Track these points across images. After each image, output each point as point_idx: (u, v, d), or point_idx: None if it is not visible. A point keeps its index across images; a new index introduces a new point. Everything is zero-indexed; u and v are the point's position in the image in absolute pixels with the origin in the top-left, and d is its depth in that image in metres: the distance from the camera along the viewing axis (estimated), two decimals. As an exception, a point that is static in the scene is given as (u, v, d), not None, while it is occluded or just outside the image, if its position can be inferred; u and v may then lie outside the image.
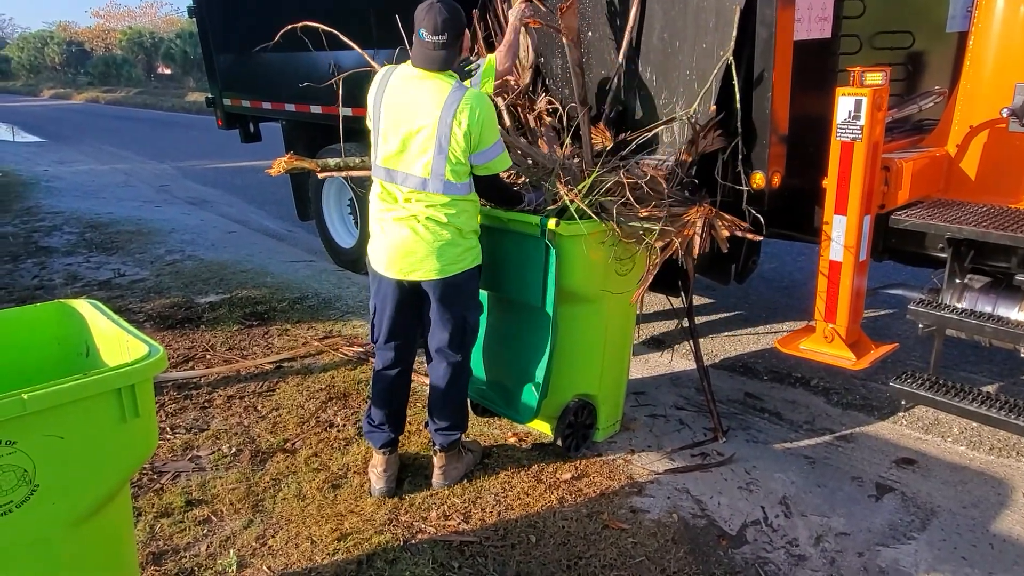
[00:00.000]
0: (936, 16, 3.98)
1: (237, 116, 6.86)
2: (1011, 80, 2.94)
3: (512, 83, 3.87)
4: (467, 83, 2.78)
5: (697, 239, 2.90)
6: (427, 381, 3.07)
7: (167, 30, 39.62)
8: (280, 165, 3.19)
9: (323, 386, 3.88)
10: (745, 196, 3.21)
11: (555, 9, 3.43)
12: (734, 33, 3.17)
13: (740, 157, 3.23)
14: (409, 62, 2.69)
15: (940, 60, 4.12)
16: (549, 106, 3.65)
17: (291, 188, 6.51)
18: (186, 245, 6.86)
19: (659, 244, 2.92)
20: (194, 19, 6.84)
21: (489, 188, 2.81)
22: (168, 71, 37.46)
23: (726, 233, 2.94)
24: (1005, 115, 2.86)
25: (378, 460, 2.97)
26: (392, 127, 2.66)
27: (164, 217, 8.18)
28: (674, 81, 3.58)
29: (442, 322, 2.84)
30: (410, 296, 2.84)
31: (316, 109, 5.45)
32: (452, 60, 2.65)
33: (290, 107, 5.84)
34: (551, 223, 2.79)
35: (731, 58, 3.14)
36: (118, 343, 2.11)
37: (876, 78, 2.88)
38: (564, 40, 3.06)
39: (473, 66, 2.94)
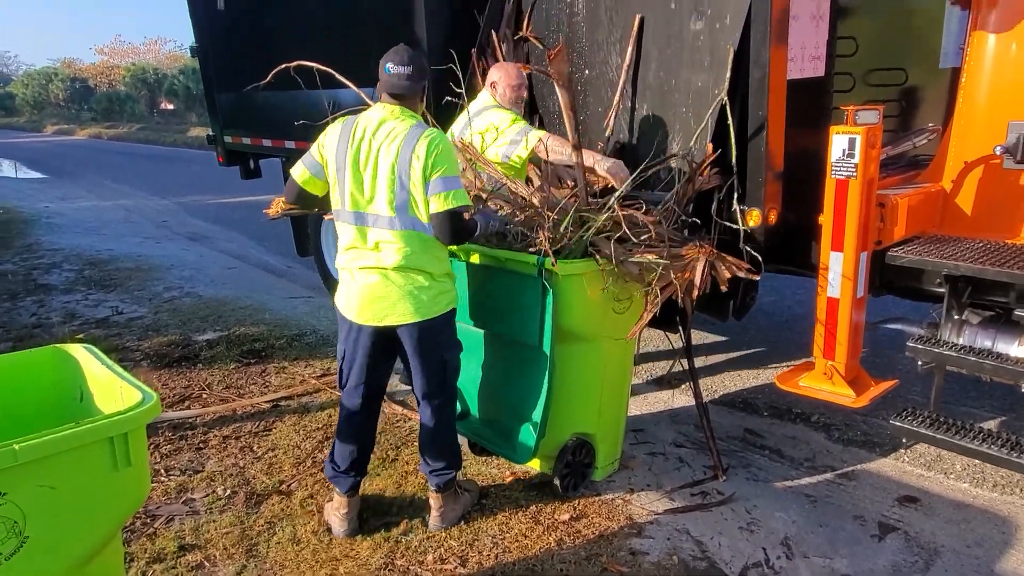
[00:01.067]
0: (929, 52, 4.03)
1: (238, 153, 6.92)
2: (1004, 117, 2.97)
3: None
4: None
5: (699, 280, 2.90)
6: (418, 419, 3.05)
7: (171, 66, 40.12)
8: (278, 206, 3.21)
9: (320, 425, 3.85)
10: (742, 234, 3.22)
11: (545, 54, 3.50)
12: (728, 74, 3.21)
13: (736, 194, 3.24)
14: (368, 111, 2.74)
15: (934, 96, 4.16)
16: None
17: (290, 223, 6.53)
18: (185, 282, 6.86)
19: (660, 285, 2.91)
20: (196, 58, 6.94)
21: (444, 227, 2.65)
22: (171, 107, 37.87)
23: (728, 274, 2.94)
24: (999, 153, 2.88)
25: (341, 503, 2.95)
26: (358, 171, 2.67)
27: (164, 253, 8.21)
28: (670, 118, 3.61)
29: (421, 367, 2.83)
30: (382, 341, 2.82)
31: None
32: (416, 94, 2.71)
33: (290, 144, 5.89)
34: (548, 263, 2.79)
35: (726, 98, 3.17)
36: (112, 388, 2.10)
37: (870, 116, 2.90)
38: (555, 84, 3.11)
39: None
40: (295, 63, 3.19)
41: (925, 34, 4.05)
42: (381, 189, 2.64)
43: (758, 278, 3.05)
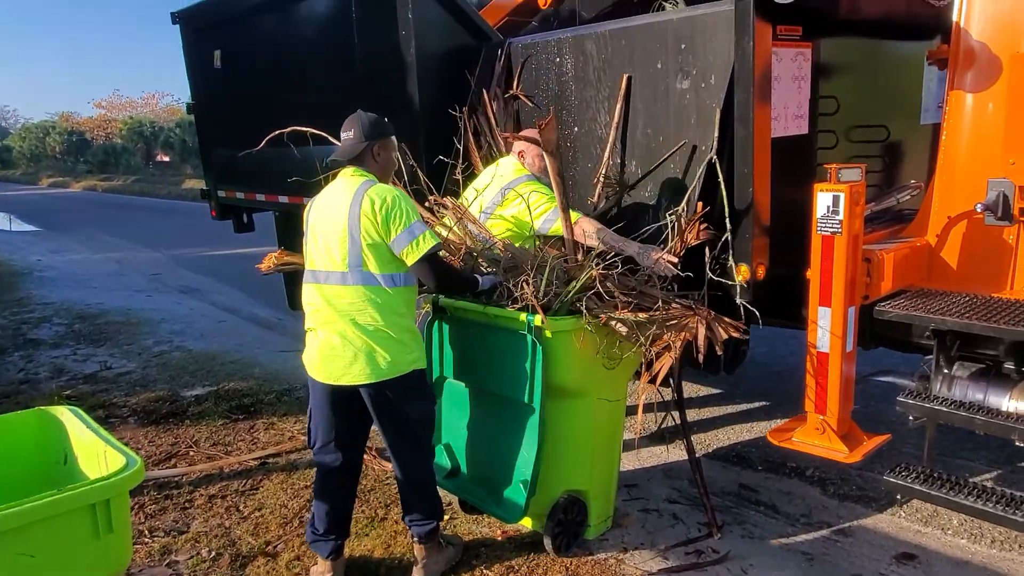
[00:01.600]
0: (910, 109, 4.13)
1: (231, 207, 6.97)
2: (984, 174, 3.02)
3: None
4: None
5: (701, 344, 2.90)
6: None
7: (168, 120, 40.65)
8: (271, 261, 3.23)
9: (308, 483, 3.78)
10: (738, 290, 3.23)
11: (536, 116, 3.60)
12: (715, 133, 3.28)
13: (729, 250, 3.26)
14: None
15: (916, 151, 4.24)
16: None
17: (282, 277, 6.54)
18: (175, 335, 6.83)
19: (656, 348, 2.91)
20: (192, 114, 7.05)
21: (427, 274, 2.76)
22: (167, 159, 38.27)
23: (724, 335, 2.95)
24: (979, 210, 2.93)
25: (324, 567, 2.91)
26: (315, 232, 2.78)
27: (155, 306, 8.18)
28: (659, 175, 3.67)
29: (381, 425, 2.83)
30: (347, 399, 2.81)
31: (308, 201, 5.53)
32: (363, 154, 2.79)
33: (283, 199, 5.94)
34: (537, 319, 2.79)
35: (715, 156, 3.24)
36: (96, 452, 2.07)
37: (852, 174, 2.96)
38: (544, 152, 3.18)
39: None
40: (288, 128, 3.26)
41: (905, 92, 4.15)
42: (334, 247, 2.71)
43: (748, 337, 3.06)
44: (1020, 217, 2.89)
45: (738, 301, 3.21)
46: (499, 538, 3.25)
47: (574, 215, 3.37)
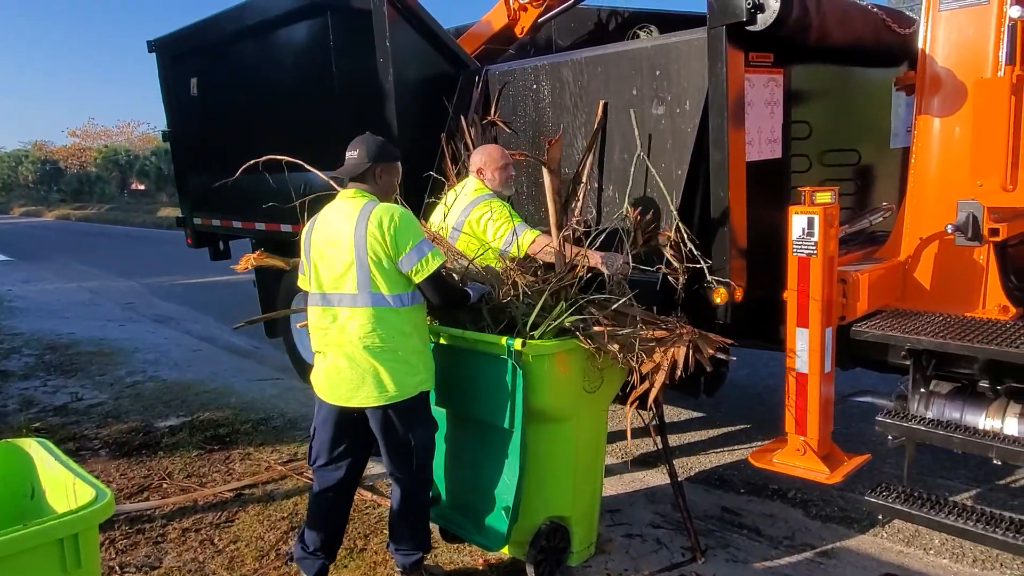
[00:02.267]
0: (880, 133, 4.22)
1: (207, 235, 6.91)
2: (953, 196, 3.08)
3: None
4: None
5: (689, 361, 2.91)
6: (381, 500, 2.98)
7: (143, 148, 40.37)
8: (248, 261, 3.20)
9: (285, 514, 3.71)
10: (726, 312, 3.25)
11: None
12: (689, 156, 3.32)
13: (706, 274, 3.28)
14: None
15: (887, 174, 4.33)
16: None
17: (259, 304, 6.48)
18: (148, 365, 6.71)
19: (645, 368, 2.91)
20: (168, 142, 7.01)
21: (433, 292, 2.77)
22: (142, 187, 37.94)
23: (711, 351, 2.96)
24: (950, 231, 2.98)
25: None
26: (321, 255, 2.76)
27: (128, 336, 8.04)
28: (636, 199, 3.70)
29: (386, 448, 2.82)
30: (350, 421, 2.83)
31: (286, 228, 5.50)
32: (365, 174, 2.79)
33: (260, 225, 5.91)
34: (517, 344, 2.78)
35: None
36: (65, 485, 2.01)
37: (825, 196, 3.00)
38: (545, 169, 3.20)
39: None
40: (264, 158, 3.25)
41: (875, 116, 4.25)
42: (342, 269, 2.70)
43: (729, 359, 3.07)
44: (989, 237, 2.94)
45: (725, 320, 3.23)
46: (481, 567, 3.20)
47: (532, 233, 3.39)
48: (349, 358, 2.71)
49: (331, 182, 3.11)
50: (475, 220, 3.41)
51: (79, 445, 4.68)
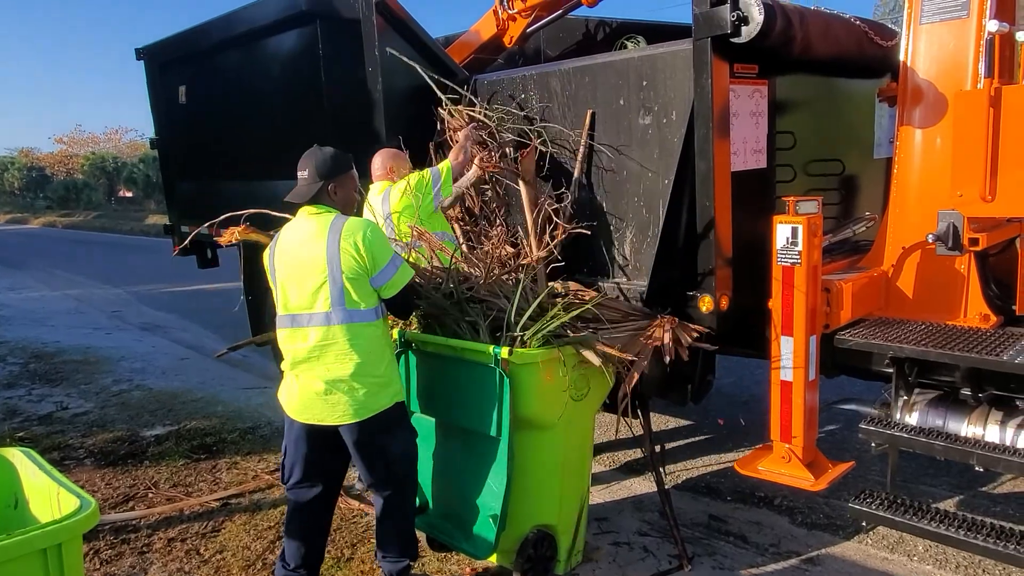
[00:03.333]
0: (863, 143, 4.27)
1: (195, 242, 6.87)
2: (934, 206, 3.12)
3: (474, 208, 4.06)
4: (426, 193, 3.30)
5: (667, 340, 2.95)
6: (368, 509, 2.98)
7: (131, 155, 40.11)
8: (232, 235, 3.19)
9: (272, 523, 3.69)
10: (712, 320, 3.27)
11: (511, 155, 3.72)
12: (675, 166, 3.36)
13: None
14: (292, 220, 2.81)
15: (871, 183, 4.39)
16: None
17: (247, 312, 6.45)
18: (135, 374, 6.66)
19: (628, 354, 2.94)
20: (156, 149, 6.99)
21: (401, 304, 2.81)
22: (129, 194, 37.67)
23: (689, 339, 3.01)
24: (931, 241, 3.01)
25: None
26: (288, 275, 2.71)
27: (114, 344, 7.98)
28: (623, 207, 3.73)
29: (363, 462, 2.81)
30: (325, 437, 2.79)
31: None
32: (318, 194, 2.73)
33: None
34: (504, 352, 2.79)
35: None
36: (49, 494, 2.00)
37: (809, 206, 3.04)
38: (520, 180, 3.23)
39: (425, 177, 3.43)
40: (246, 211, 3.24)
41: (859, 127, 4.31)
42: (313, 287, 2.65)
43: (714, 352, 3.11)
44: (970, 247, 2.98)
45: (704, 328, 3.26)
46: (468, 575, 3.20)
47: (443, 163, 3.70)
48: (324, 378, 2.67)
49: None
50: (402, 190, 3.59)
51: (64, 454, 4.64)
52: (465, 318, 3.03)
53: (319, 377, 2.68)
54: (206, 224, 3.38)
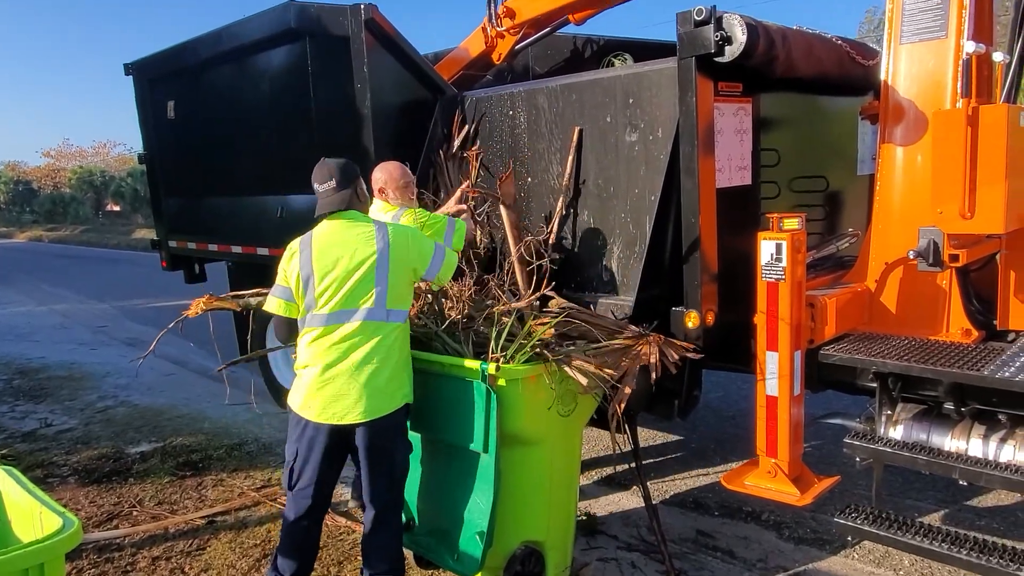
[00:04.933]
0: (847, 160, 4.33)
1: (182, 257, 6.86)
2: (916, 222, 3.16)
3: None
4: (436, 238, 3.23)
5: (654, 360, 2.97)
6: (355, 526, 2.96)
7: (119, 169, 39.93)
8: (198, 306, 3.19)
9: (258, 541, 3.67)
10: (698, 335, 3.29)
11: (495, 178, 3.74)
12: (661, 182, 3.39)
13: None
14: (320, 225, 2.89)
15: (855, 199, 4.44)
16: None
17: (234, 326, 6.42)
18: (120, 390, 6.61)
19: (614, 373, 2.95)
20: (144, 164, 6.98)
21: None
22: (117, 208, 37.47)
23: (676, 356, 3.03)
24: (912, 257, 3.05)
25: None
26: (329, 275, 2.76)
27: (99, 360, 7.92)
28: (610, 223, 3.76)
29: (370, 467, 2.82)
30: (338, 441, 2.82)
31: (263, 251, 5.49)
32: (352, 200, 2.87)
33: (237, 249, 5.88)
34: (491, 367, 2.80)
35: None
36: (31, 514, 1.98)
37: (793, 223, 3.07)
38: (501, 205, 3.26)
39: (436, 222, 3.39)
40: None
41: (842, 144, 4.36)
42: (356, 287, 2.74)
43: (700, 356, 3.13)
44: (950, 263, 3.02)
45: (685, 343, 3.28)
46: (455, 593, 3.18)
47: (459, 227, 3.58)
48: (350, 374, 2.73)
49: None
50: (420, 222, 3.50)
51: (47, 472, 4.59)
52: (451, 344, 3.06)
53: (346, 373, 2.73)
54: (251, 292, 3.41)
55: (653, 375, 3.03)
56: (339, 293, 2.75)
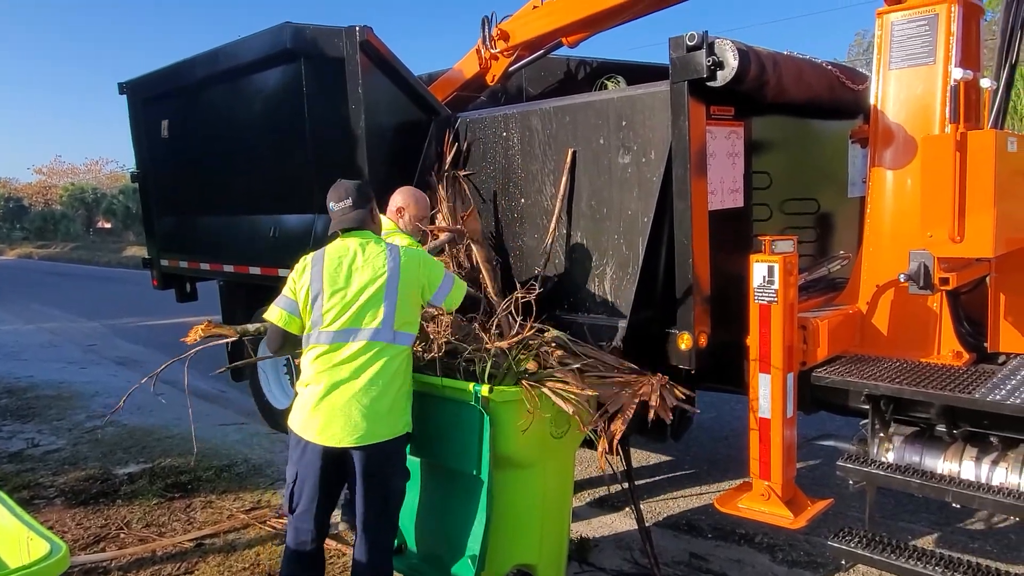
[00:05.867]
0: (838, 183, 4.37)
1: (174, 276, 6.84)
2: (906, 245, 3.19)
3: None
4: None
5: (655, 403, 2.96)
6: (345, 549, 2.92)
7: (111, 186, 39.88)
8: (197, 333, 3.18)
9: (247, 564, 3.62)
10: (691, 357, 3.29)
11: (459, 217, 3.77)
12: (654, 204, 3.41)
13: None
14: (333, 243, 2.90)
15: (846, 222, 4.47)
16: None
17: (225, 347, 6.38)
18: (109, 410, 6.51)
19: (609, 409, 2.94)
20: (136, 183, 6.98)
21: (460, 308, 3.09)
22: (108, 225, 37.38)
23: (674, 401, 3.02)
24: (903, 280, 3.07)
25: None
26: (338, 292, 2.77)
27: (88, 379, 7.85)
28: (604, 245, 3.77)
29: (366, 492, 2.78)
30: (337, 463, 2.79)
31: (255, 270, 5.48)
32: (367, 220, 2.90)
33: (229, 268, 5.87)
34: (484, 389, 2.79)
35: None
36: (18, 538, 1.95)
37: (785, 245, 3.09)
38: (470, 241, 3.28)
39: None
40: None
41: (833, 167, 4.40)
42: (366, 306, 2.75)
43: (697, 411, 3.13)
44: (940, 286, 3.04)
45: (682, 365, 3.29)
46: (447, 617, 3.14)
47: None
48: (352, 394, 2.70)
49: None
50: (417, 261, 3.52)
51: (34, 493, 4.53)
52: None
53: (350, 395, 2.71)
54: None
55: (651, 415, 3.01)
56: (348, 311, 2.74)
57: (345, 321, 2.74)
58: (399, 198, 3.66)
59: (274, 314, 2.88)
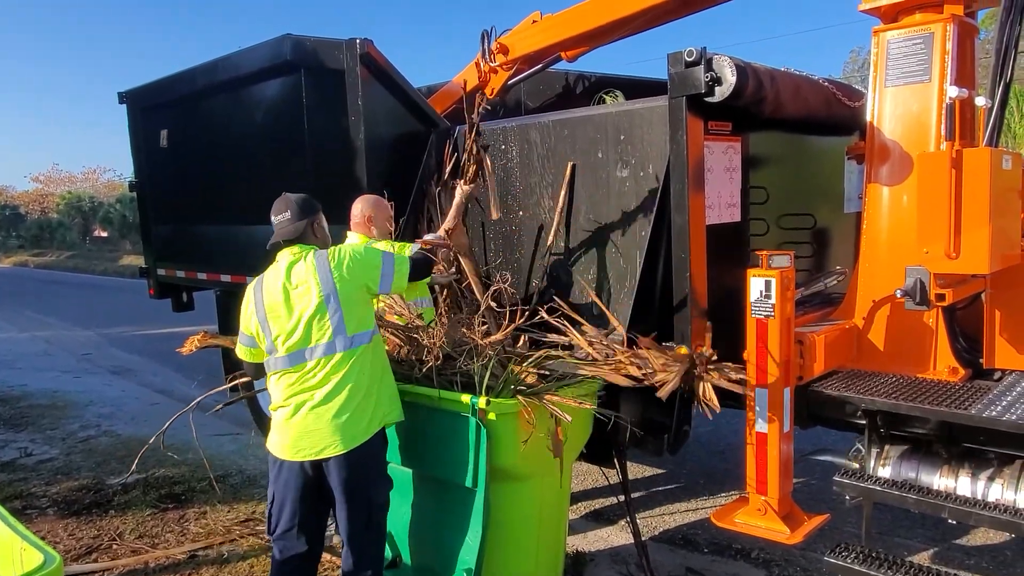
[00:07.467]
0: (834, 198, 4.39)
1: (170, 285, 6.83)
2: (902, 261, 3.20)
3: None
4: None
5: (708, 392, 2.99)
6: (338, 561, 2.91)
7: (108, 195, 39.87)
8: (192, 343, 3.18)
9: (241, 577, 3.60)
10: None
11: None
12: (652, 218, 3.42)
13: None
14: (272, 266, 2.88)
15: (842, 237, 4.50)
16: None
17: (220, 356, 6.37)
18: (103, 419, 6.52)
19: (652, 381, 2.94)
20: (134, 192, 6.98)
21: (415, 278, 3.03)
22: (105, 234, 37.32)
23: (726, 383, 3.00)
24: (899, 296, 3.08)
25: None
26: (281, 316, 2.75)
27: (82, 388, 7.82)
28: (601, 258, 3.78)
29: (346, 503, 2.78)
30: (314, 479, 2.79)
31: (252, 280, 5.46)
32: (306, 232, 2.86)
33: (225, 277, 5.86)
34: (481, 401, 2.79)
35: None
36: (11, 549, 1.94)
37: (782, 260, 3.10)
38: (459, 256, 3.30)
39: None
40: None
41: (829, 182, 4.43)
42: (310, 321, 2.71)
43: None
44: (936, 302, 3.05)
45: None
46: (442, 631, 3.12)
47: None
48: (315, 409, 2.70)
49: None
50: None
51: (26, 503, 4.51)
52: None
53: (314, 410, 2.71)
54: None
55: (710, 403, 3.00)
56: (295, 334, 2.73)
57: (295, 343, 2.74)
58: (363, 207, 3.69)
59: (241, 352, 2.94)
